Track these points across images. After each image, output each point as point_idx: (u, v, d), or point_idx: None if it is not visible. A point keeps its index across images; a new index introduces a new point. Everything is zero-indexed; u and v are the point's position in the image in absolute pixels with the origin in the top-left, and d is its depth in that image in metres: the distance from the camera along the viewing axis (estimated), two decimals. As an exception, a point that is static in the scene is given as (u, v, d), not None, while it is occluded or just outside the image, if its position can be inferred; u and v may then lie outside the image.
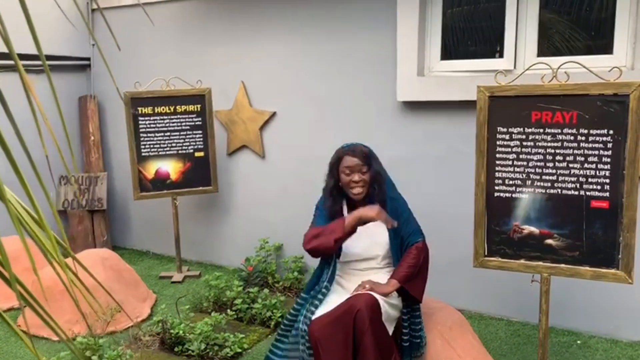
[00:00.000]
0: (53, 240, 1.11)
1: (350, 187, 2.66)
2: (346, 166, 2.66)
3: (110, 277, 3.74)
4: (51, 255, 1.13)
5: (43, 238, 1.13)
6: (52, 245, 1.04)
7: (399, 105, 3.83)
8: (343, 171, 2.67)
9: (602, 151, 2.34)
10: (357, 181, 2.64)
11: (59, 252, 1.13)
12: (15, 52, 1.03)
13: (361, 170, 2.65)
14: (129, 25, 5.10)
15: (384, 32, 3.81)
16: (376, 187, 2.68)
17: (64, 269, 1.08)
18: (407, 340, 2.64)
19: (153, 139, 4.43)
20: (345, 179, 2.67)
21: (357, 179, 2.64)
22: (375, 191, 2.68)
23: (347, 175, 2.66)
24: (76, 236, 5.08)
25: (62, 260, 1.09)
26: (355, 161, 2.65)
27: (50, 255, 1.12)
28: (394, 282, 2.55)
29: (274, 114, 4.42)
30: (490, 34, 3.66)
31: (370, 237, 2.70)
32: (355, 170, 2.64)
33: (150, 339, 3.26)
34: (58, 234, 3.96)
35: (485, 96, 2.50)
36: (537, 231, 2.49)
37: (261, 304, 3.60)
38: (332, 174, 2.73)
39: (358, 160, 2.65)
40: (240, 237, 4.71)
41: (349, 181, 2.65)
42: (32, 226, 1.13)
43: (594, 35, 3.39)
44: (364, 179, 2.65)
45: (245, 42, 4.48)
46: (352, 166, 2.65)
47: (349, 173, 2.65)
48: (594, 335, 3.39)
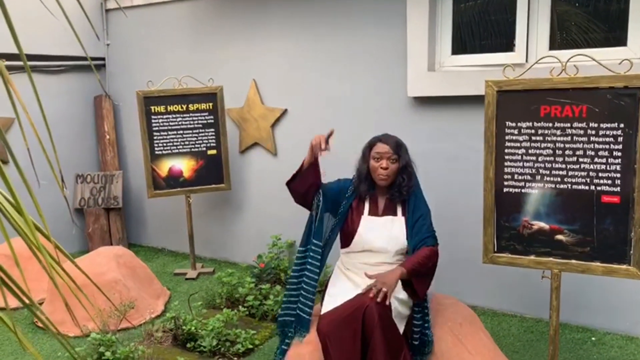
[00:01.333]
0: (51, 245, 1.12)
1: (377, 173, 2.69)
2: (377, 152, 2.70)
3: (125, 274, 3.78)
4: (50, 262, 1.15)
5: (40, 242, 1.14)
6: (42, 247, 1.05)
7: (410, 101, 3.81)
8: (373, 156, 2.71)
9: (613, 145, 2.31)
10: (385, 167, 2.67)
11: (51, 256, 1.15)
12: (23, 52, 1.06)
13: (390, 157, 2.68)
14: (141, 25, 5.16)
15: (394, 27, 3.79)
16: (404, 177, 2.70)
17: (52, 273, 1.09)
18: (418, 338, 2.63)
19: (166, 138, 4.48)
20: (373, 164, 2.71)
21: (385, 165, 2.67)
22: (403, 181, 2.69)
23: (376, 160, 2.70)
24: (92, 234, 5.16)
25: (51, 262, 1.10)
26: (386, 148, 2.68)
27: (48, 259, 1.14)
28: (403, 270, 2.49)
29: (285, 111, 4.43)
30: (501, 28, 3.62)
31: (389, 230, 2.70)
32: (384, 156, 2.68)
33: (162, 335, 3.29)
34: (75, 233, 3.97)
35: (493, 91, 2.48)
36: (547, 227, 2.46)
37: (273, 301, 3.61)
38: (365, 159, 2.77)
39: (389, 147, 2.68)
40: (253, 234, 4.73)
41: (377, 167, 2.69)
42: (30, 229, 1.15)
43: (607, 27, 3.33)
44: (392, 167, 2.68)
45: (256, 41, 4.49)
46: (382, 152, 2.68)
47: (378, 159, 2.69)
48: (609, 332, 3.34)
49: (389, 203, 2.76)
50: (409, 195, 2.71)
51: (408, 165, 2.72)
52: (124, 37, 5.33)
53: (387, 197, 2.76)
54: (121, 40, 5.35)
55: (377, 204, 2.78)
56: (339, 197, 2.81)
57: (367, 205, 2.78)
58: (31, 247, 1.14)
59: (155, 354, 3.00)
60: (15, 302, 4.24)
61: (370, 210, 2.77)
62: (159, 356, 3.01)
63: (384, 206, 2.76)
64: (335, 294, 2.64)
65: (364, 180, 2.76)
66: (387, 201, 2.76)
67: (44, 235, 1.22)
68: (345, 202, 2.80)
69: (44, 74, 4.98)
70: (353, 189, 2.81)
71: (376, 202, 2.78)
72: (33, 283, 3.52)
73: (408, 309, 2.61)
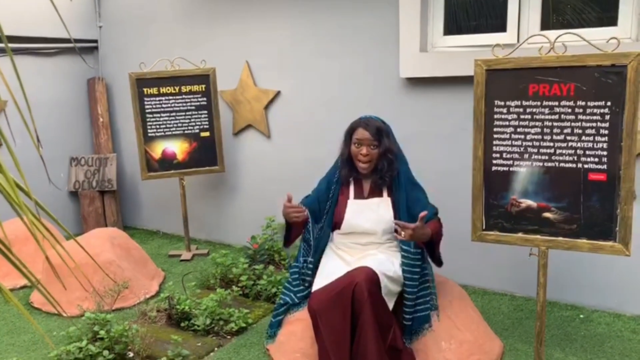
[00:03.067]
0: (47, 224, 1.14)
1: (358, 159, 2.72)
2: (357, 138, 2.71)
3: (119, 255, 3.81)
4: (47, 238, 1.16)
5: (37, 222, 1.16)
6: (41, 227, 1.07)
7: (402, 82, 3.82)
8: (354, 142, 2.73)
9: (600, 123, 2.33)
10: (365, 154, 2.69)
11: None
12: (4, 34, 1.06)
13: (371, 144, 2.69)
14: (134, 7, 5.14)
15: (386, 8, 3.78)
16: (385, 163, 2.71)
17: (44, 249, 1.11)
18: (409, 318, 2.65)
19: (159, 120, 4.48)
20: (354, 150, 2.73)
21: (364, 152, 2.69)
22: (384, 167, 2.71)
23: (356, 147, 2.72)
24: (87, 217, 5.18)
25: (48, 238, 1.11)
26: (366, 135, 2.69)
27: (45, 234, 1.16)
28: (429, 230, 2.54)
29: (279, 93, 4.43)
30: (493, 8, 3.61)
31: (375, 212, 2.73)
32: (364, 143, 2.69)
33: (157, 314, 3.33)
34: (70, 215, 4.02)
35: (482, 69, 2.49)
36: (534, 205, 2.49)
37: (266, 281, 3.65)
38: (347, 144, 2.79)
39: (369, 134, 2.69)
40: (247, 216, 4.76)
41: (357, 153, 2.71)
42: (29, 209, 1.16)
43: (599, 7, 3.33)
44: (372, 154, 2.69)
45: (249, 22, 4.48)
46: (362, 139, 2.70)
47: (358, 145, 2.71)
48: (597, 309, 3.40)
49: (374, 185, 2.80)
50: (391, 180, 2.74)
51: (388, 151, 2.71)
52: (116, 19, 5.29)
53: (372, 180, 2.79)
54: (114, 22, 5.32)
55: (362, 187, 2.83)
56: (323, 198, 2.87)
57: (352, 188, 2.82)
58: (26, 222, 1.15)
59: (149, 333, 3.04)
60: (10, 284, 4.25)
61: (356, 194, 2.82)
62: (153, 335, 3.05)
63: (370, 188, 2.81)
64: (326, 272, 2.67)
65: (346, 164, 2.79)
66: (372, 184, 2.80)
67: (44, 210, 1.23)
68: (335, 187, 2.84)
69: (38, 57, 4.96)
70: (338, 175, 2.84)
71: (361, 185, 2.83)
72: (28, 264, 3.56)
73: (399, 286, 2.64)
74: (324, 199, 2.86)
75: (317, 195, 2.90)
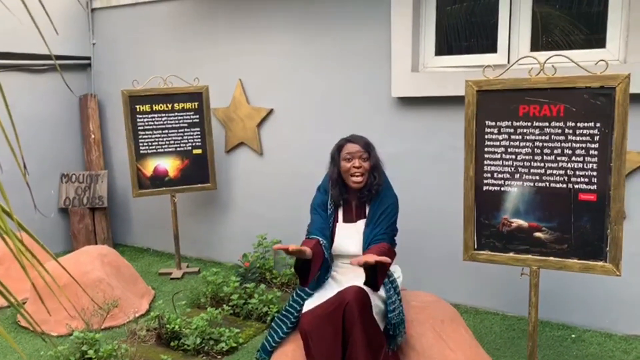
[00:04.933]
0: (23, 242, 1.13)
1: (351, 173, 2.69)
2: (347, 152, 2.71)
3: (109, 273, 3.78)
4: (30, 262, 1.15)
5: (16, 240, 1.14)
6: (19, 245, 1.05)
7: (394, 101, 3.84)
8: (344, 157, 2.71)
9: (590, 144, 2.35)
10: (358, 167, 2.67)
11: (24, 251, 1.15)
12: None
13: (362, 156, 2.69)
14: (127, 25, 5.16)
15: (378, 28, 3.83)
16: (376, 175, 2.72)
17: (28, 275, 1.09)
18: (391, 327, 2.55)
19: (151, 137, 4.47)
20: (345, 165, 2.70)
21: (357, 164, 2.67)
22: (374, 180, 2.71)
23: (347, 161, 2.70)
24: (77, 234, 5.14)
25: (32, 261, 1.10)
26: (356, 147, 2.70)
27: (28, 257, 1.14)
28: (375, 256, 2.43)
29: (271, 111, 4.44)
30: (484, 30, 3.66)
31: (359, 234, 2.73)
32: (356, 156, 2.69)
33: (146, 333, 3.29)
34: (60, 232, 3.97)
35: (473, 90, 2.52)
36: (525, 224, 2.50)
37: (257, 299, 3.63)
38: (335, 163, 2.77)
39: (359, 147, 2.70)
40: (239, 233, 4.74)
41: (350, 167, 2.69)
42: None
43: (588, 29, 3.39)
44: (364, 166, 2.69)
45: (242, 40, 4.51)
46: (353, 152, 2.70)
47: (350, 159, 2.69)
48: (589, 329, 3.39)
49: (360, 205, 2.78)
50: (377, 194, 2.72)
51: (378, 162, 2.75)
52: (110, 37, 5.31)
53: (358, 199, 2.77)
54: (107, 40, 5.34)
55: (351, 209, 2.79)
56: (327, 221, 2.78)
57: (341, 211, 2.80)
58: (10, 246, 1.14)
59: (139, 352, 3.00)
60: (5, 302, 4.20)
61: (345, 217, 2.79)
62: (143, 354, 3.01)
63: (356, 209, 2.79)
64: (318, 293, 2.65)
65: (335, 185, 2.76)
66: (357, 203, 2.78)
67: (28, 234, 1.21)
68: (331, 211, 2.80)
69: (30, 73, 4.95)
70: (331, 199, 2.79)
71: (350, 207, 2.80)
72: (16, 283, 3.51)
73: (382, 302, 2.60)
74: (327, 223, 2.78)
75: (322, 219, 2.76)
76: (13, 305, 1.21)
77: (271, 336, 2.73)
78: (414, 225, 3.60)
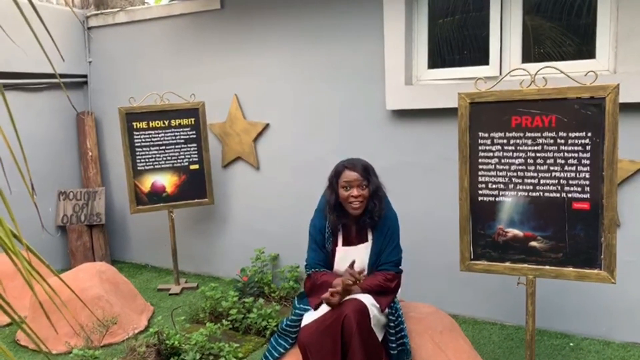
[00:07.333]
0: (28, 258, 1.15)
1: (349, 201, 2.64)
2: (345, 180, 2.64)
3: (108, 289, 3.78)
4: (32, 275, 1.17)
5: (20, 255, 1.16)
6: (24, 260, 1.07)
7: (388, 114, 3.89)
8: (342, 185, 2.65)
9: (581, 153, 2.39)
10: (356, 196, 2.61)
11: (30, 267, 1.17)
12: None
13: (361, 185, 2.63)
14: (123, 42, 5.21)
15: (372, 43, 3.88)
16: (376, 202, 2.66)
17: (33, 285, 1.11)
18: (395, 347, 2.62)
19: (148, 153, 4.50)
20: (344, 193, 2.65)
21: (356, 193, 2.61)
22: (375, 207, 2.66)
23: (346, 190, 2.64)
24: (75, 251, 5.14)
25: (34, 274, 1.11)
26: (354, 175, 2.63)
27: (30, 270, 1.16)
28: None
29: (267, 125, 4.48)
30: (475, 42, 3.72)
31: (362, 258, 2.73)
32: (354, 185, 2.62)
33: (146, 350, 3.29)
34: (58, 250, 3.98)
35: (466, 102, 2.56)
36: (521, 234, 2.53)
37: (256, 314, 3.63)
38: (332, 189, 2.71)
39: (358, 175, 2.63)
40: (237, 248, 4.75)
41: (348, 196, 2.63)
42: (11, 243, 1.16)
43: (577, 41, 3.44)
44: (363, 194, 2.63)
45: (237, 56, 4.56)
46: (351, 181, 2.62)
47: (348, 188, 2.63)
48: (587, 337, 3.41)
49: (361, 229, 2.75)
50: (380, 219, 2.69)
51: (379, 188, 2.69)
52: (106, 55, 5.36)
53: (357, 224, 2.73)
54: (103, 58, 5.38)
55: (350, 232, 2.76)
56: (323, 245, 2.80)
57: (341, 235, 2.77)
58: (14, 259, 1.16)
59: (138, 369, 3.00)
60: (6, 319, 4.17)
61: (344, 240, 2.76)
62: (142, 371, 3.01)
63: (356, 233, 2.76)
64: (317, 309, 2.66)
65: (333, 210, 2.70)
66: (358, 227, 2.75)
67: (29, 249, 1.23)
68: (329, 237, 2.78)
69: (26, 92, 4.99)
70: (329, 225, 2.77)
71: (349, 230, 2.76)
72: (15, 301, 3.52)
73: (385, 317, 2.63)
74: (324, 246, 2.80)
75: (321, 247, 2.78)
76: (16, 322, 1.22)
77: (270, 353, 2.73)
78: (410, 237, 3.60)
